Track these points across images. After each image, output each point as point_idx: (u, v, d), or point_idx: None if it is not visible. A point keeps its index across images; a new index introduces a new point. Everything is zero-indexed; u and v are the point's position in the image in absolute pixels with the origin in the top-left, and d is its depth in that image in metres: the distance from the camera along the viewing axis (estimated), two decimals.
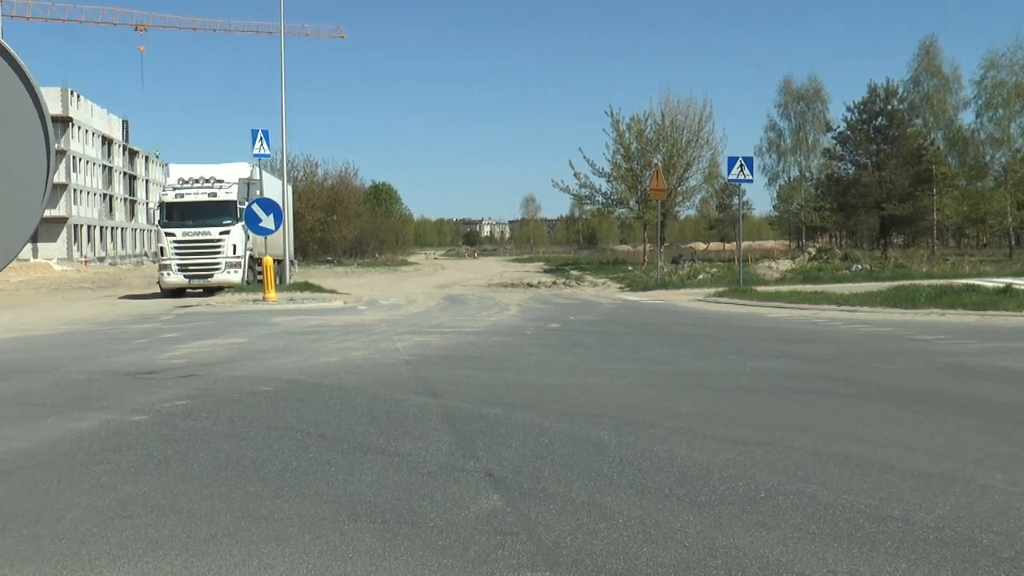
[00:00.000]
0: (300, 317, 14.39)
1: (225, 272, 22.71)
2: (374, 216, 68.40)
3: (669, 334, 11.32)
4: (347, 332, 11.45)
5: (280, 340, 10.39)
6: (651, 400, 5.94)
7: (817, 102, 58.33)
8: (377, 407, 5.72)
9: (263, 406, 5.82)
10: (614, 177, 40.67)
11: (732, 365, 7.83)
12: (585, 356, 8.62)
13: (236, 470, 4.18)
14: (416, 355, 8.69)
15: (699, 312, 15.95)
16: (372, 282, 32.57)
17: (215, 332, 11.63)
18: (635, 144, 40.41)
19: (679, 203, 42.69)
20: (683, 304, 18.32)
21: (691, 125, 40.58)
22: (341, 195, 60.12)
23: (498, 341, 10.17)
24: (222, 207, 22.89)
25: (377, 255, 64.18)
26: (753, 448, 4.49)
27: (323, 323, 13.08)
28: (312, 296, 19.81)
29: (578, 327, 12.52)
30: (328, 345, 9.74)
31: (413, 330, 11.76)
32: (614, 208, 43.14)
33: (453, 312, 15.91)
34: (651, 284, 25.59)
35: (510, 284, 29.36)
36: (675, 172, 39.82)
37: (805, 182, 57.72)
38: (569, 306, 17.95)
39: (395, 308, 17.32)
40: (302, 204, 53.18)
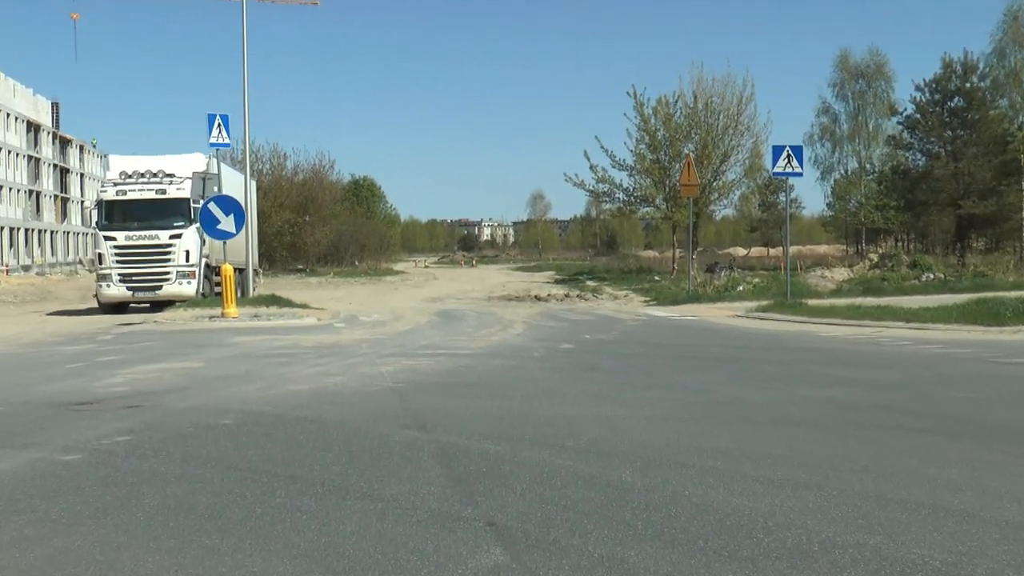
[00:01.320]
0: (266, 337, 14.41)
1: (176, 283, 22.80)
2: (354, 217, 68.61)
3: (703, 356, 11.31)
4: (321, 354, 11.46)
5: (242, 364, 10.41)
6: (682, 435, 5.94)
7: (880, 80, 58.55)
8: (357, 443, 5.73)
9: (221, 442, 5.84)
10: (638, 170, 40.81)
11: (778, 394, 7.82)
12: (603, 382, 8.63)
13: (189, 519, 4.19)
14: (403, 381, 8.70)
15: (739, 330, 15.94)
16: (351, 295, 32.63)
17: (164, 354, 11.66)
18: (662, 131, 40.54)
19: (715, 201, 42.79)
20: (720, 321, 18.30)
21: (729, 108, 40.71)
22: (315, 192, 60.37)
23: (500, 365, 10.18)
24: (172, 206, 23.00)
25: (357, 263, 64.33)
26: (804, 492, 4.49)
27: (293, 344, 13.10)
28: (280, 312, 19.84)
29: (595, 348, 12.51)
30: (299, 370, 9.76)
31: (400, 352, 11.77)
32: (638, 207, 43.25)
33: (447, 330, 15.92)
34: (681, 297, 25.61)
35: (514, 297, 29.38)
36: (710, 164, 39.94)
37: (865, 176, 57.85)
38: (584, 323, 17.94)
39: (379, 326, 17.33)
40: (268, 202, 53.40)
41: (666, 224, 43.85)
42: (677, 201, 39.06)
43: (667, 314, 20.95)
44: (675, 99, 40.89)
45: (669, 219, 41.09)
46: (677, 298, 25.59)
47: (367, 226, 70.84)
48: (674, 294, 27.21)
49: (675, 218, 39.85)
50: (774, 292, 24.50)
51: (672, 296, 26.57)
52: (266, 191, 53.59)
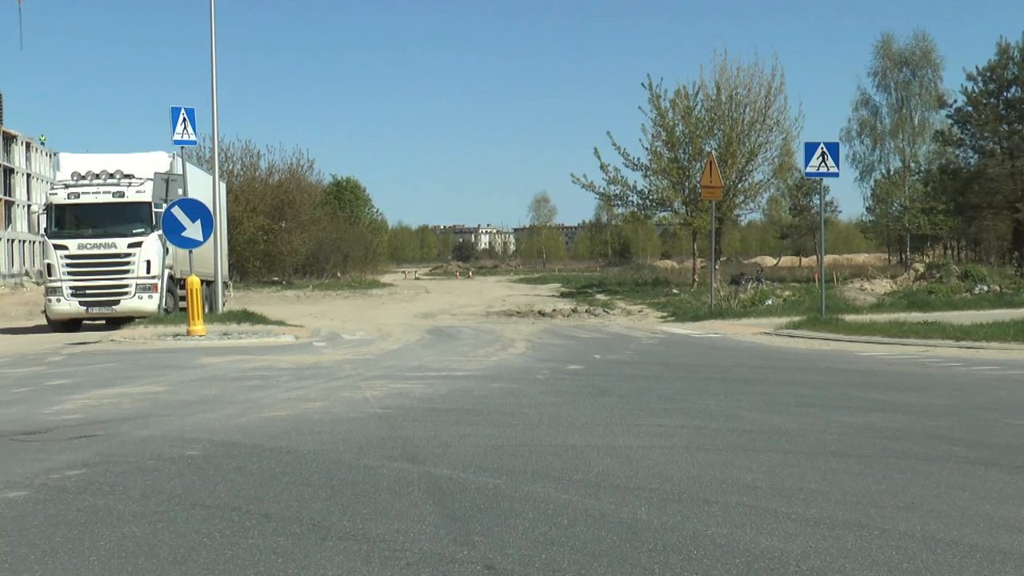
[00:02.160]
0: (237, 357, 14.42)
1: (135, 298, 22.84)
2: (336, 223, 68.66)
3: (728, 379, 11.31)
4: (300, 377, 11.47)
5: (210, 388, 10.42)
6: (704, 467, 5.94)
7: (926, 68, 58.67)
8: (339, 477, 5.73)
9: (187, 476, 5.84)
10: (654, 170, 40.87)
11: (813, 420, 7.83)
12: (616, 408, 8.63)
13: (150, 563, 4.19)
14: (391, 407, 8.70)
15: (768, 350, 15.94)
16: (333, 310, 32.65)
17: (122, 378, 11.67)
18: (681, 126, 40.65)
19: (740, 204, 42.85)
20: (746, 339, 18.31)
21: (756, 101, 40.82)
22: (292, 195, 60.44)
23: (500, 389, 10.19)
24: (132, 211, 23.05)
25: (339, 274, 64.40)
26: (841, 532, 4.49)
27: (268, 365, 13.11)
28: (253, 329, 19.86)
29: (606, 370, 12.52)
30: (274, 394, 9.77)
31: (387, 374, 11.77)
32: (653, 211, 43.29)
33: (441, 350, 15.93)
34: (703, 312, 25.63)
35: (516, 312, 29.39)
36: (734, 163, 40.03)
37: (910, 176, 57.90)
38: (594, 341, 17.95)
39: (363, 345, 17.34)
40: (240, 207, 53.47)
41: (685, 231, 43.90)
42: (698, 205, 39.11)
43: (687, 331, 20.96)
44: (695, 90, 41.03)
45: (689, 225, 41.12)
46: (698, 313, 25.60)
47: (350, 233, 70.85)
48: (695, 309, 27.23)
49: (695, 224, 39.89)
50: (807, 307, 24.50)
51: (692, 311, 26.58)
52: (237, 194, 53.65)
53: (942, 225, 54.31)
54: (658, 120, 40.58)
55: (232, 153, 59.22)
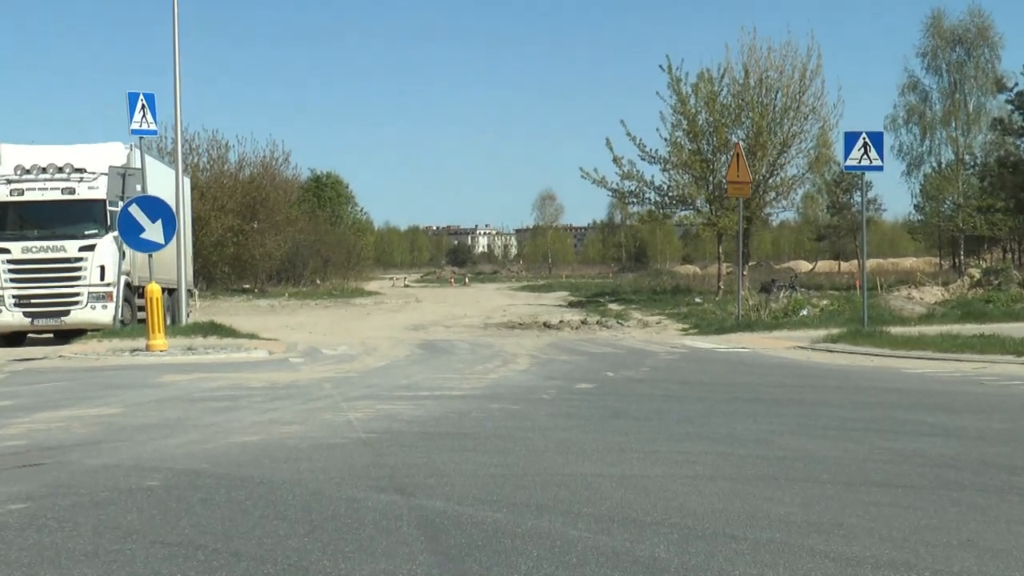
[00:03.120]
0: (203, 375, 14.43)
1: (88, 308, 22.84)
2: (315, 223, 68.64)
3: (758, 399, 11.31)
4: (274, 397, 11.48)
5: (172, 410, 10.43)
6: (731, 499, 5.94)
7: (982, 47, 58.64)
8: (319, 510, 5.74)
9: (146, 510, 5.84)
10: (673, 164, 40.88)
11: (854, 446, 7.83)
12: (631, 433, 8.64)
13: None
14: (378, 431, 8.71)
15: (803, 366, 15.94)
16: (312, 321, 32.66)
17: (73, 399, 11.67)
18: (705, 114, 40.68)
19: (771, 202, 42.83)
20: (778, 354, 18.30)
21: (789, 85, 40.83)
22: (265, 192, 60.41)
23: (500, 410, 10.20)
24: (84, 210, 23.07)
25: (319, 281, 64.37)
26: (887, 573, 4.49)
27: (237, 383, 13.12)
28: (221, 343, 19.87)
29: (620, 389, 12.52)
30: (245, 417, 9.77)
31: (373, 394, 11.78)
32: (673, 210, 43.32)
33: (433, 366, 15.93)
34: (729, 324, 25.63)
35: (518, 324, 29.40)
36: (765, 156, 40.03)
37: (964, 169, 57.89)
38: (607, 357, 17.94)
39: (346, 361, 17.34)
40: (206, 205, 53.48)
41: (709, 232, 43.77)
42: (723, 203, 39.07)
43: (711, 345, 20.95)
44: (720, 74, 41.01)
45: (713, 225, 41.06)
46: (724, 325, 25.59)
47: (331, 235, 70.85)
48: (720, 320, 27.21)
49: (721, 224, 39.85)
50: (847, 317, 24.48)
51: (717, 323, 26.56)
52: (203, 190, 53.63)
53: (1001, 225, 54.21)
54: (678, 107, 40.57)
55: (197, 144, 59.16)
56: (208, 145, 60.32)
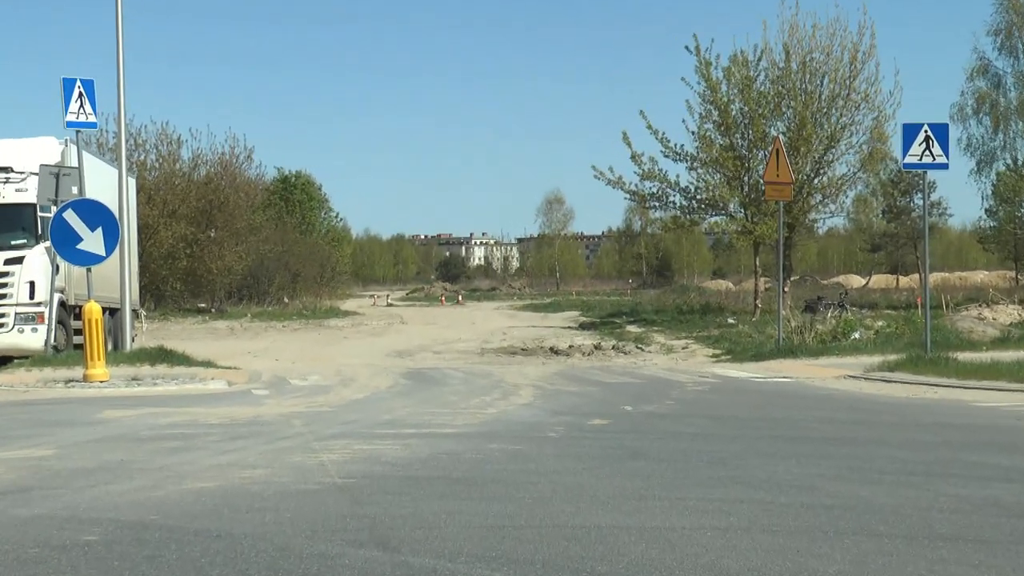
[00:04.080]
0: (151, 410, 14.39)
1: (15, 331, 22.77)
2: (282, 231, 68.59)
3: (802, 437, 11.28)
4: (234, 436, 11.44)
5: (114, 451, 10.39)
6: (771, 556, 5.92)
7: None
8: (287, 568, 5.71)
9: (82, 569, 5.81)
10: (702, 161, 40.92)
11: (915, 493, 7.81)
12: (652, 477, 8.61)
13: None
14: (356, 475, 8.68)
15: (854, 398, 15.91)
16: (279, 347, 32.61)
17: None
18: (739, 103, 40.73)
19: (817, 206, 42.85)
20: (826, 384, 18.27)
21: (837, 69, 40.84)
22: (224, 194, 60.34)
23: (500, 451, 10.18)
24: (10, 216, 23.02)
25: (287, 300, 64.24)
26: None
27: (191, 420, 13.08)
28: (172, 373, 19.83)
29: (640, 425, 12.49)
30: (200, 459, 9.74)
31: (350, 431, 11.75)
32: (702, 215, 43.31)
33: (421, 399, 15.90)
34: (768, 349, 25.60)
35: (520, 349, 29.37)
36: (809, 152, 40.05)
37: None
38: (624, 388, 17.90)
39: (318, 393, 17.31)
40: (155, 210, 53.46)
41: (744, 241, 43.74)
42: (761, 207, 39.09)
43: (747, 374, 20.91)
44: (757, 56, 41.07)
45: (749, 234, 41.04)
46: (761, 351, 25.56)
47: (301, 245, 70.77)
48: (757, 345, 27.17)
49: (758, 232, 39.84)
50: (906, 342, 24.43)
51: (754, 348, 26.53)
52: (151, 193, 53.62)
53: None
54: (708, 95, 40.63)
55: (144, 139, 59.11)
56: (157, 140, 60.25)
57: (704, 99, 40.65)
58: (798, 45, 40.97)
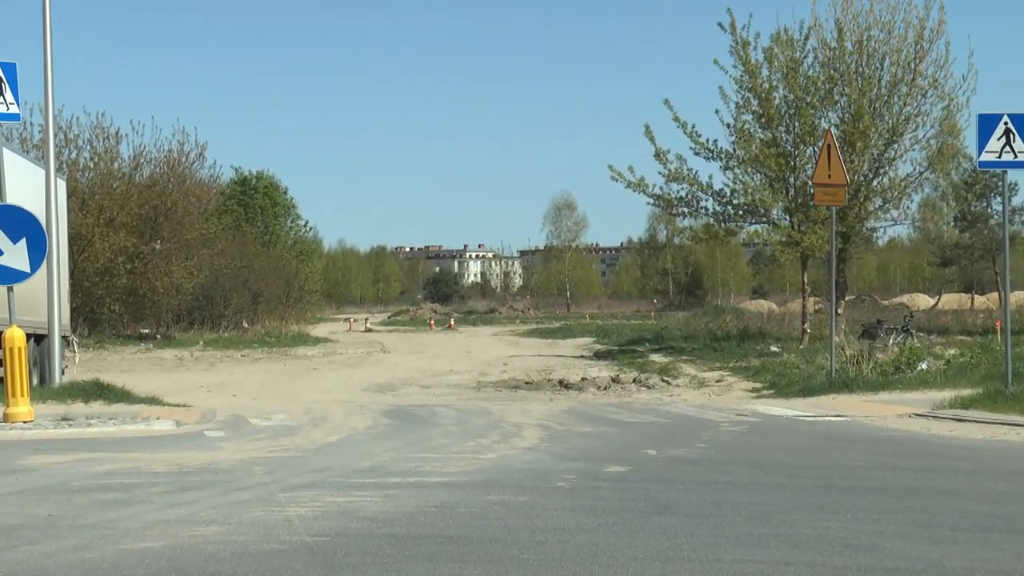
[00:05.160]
0: (85, 455, 14.35)
1: None
2: (240, 243, 68.61)
3: (858, 487, 11.26)
4: (183, 486, 11.42)
5: (41, 505, 10.37)
6: None
7: None
8: None
9: None
10: (740, 159, 40.86)
11: (994, 554, 7.80)
12: (681, 535, 8.61)
13: None
14: (329, 533, 8.69)
15: (921, 442, 15.88)
16: (237, 380, 32.56)
17: None
18: (783, 91, 40.71)
19: (876, 213, 42.76)
20: (887, 424, 18.24)
21: (900, 50, 40.85)
22: (171, 199, 60.34)
23: (499, 504, 10.17)
24: None
25: (246, 324, 64.17)
26: None
27: (133, 467, 13.05)
28: (110, 411, 19.78)
29: (666, 473, 12.48)
30: (144, 514, 9.73)
31: (322, 481, 11.74)
32: (740, 224, 43.25)
33: (405, 442, 15.89)
34: (818, 382, 25.53)
35: (524, 383, 29.33)
36: (867, 149, 39.98)
37: None
38: (647, 429, 17.88)
39: (284, 435, 17.28)
40: (90, 218, 53.37)
41: (789, 254, 43.60)
42: (809, 213, 39.04)
43: (793, 412, 20.87)
44: (804, 34, 41.05)
45: (795, 245, 40.94)
46: (810, 384, 25.48)
47: (264, 259, 70.70)
48: (805, 377, 27.10)
49: (806, 243, 39.74)
50: (983, 373, 24.35)
51: (802, 381, 26.45)
52: (85, 197, 53.54)
53: None
54: (746, 81, 40.56)
55: (77, 134, 58.96)
56: (91, 135, 60.07)
57: (741, 85, 40.56)
58: (853, 21, 40.91)
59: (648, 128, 40.64)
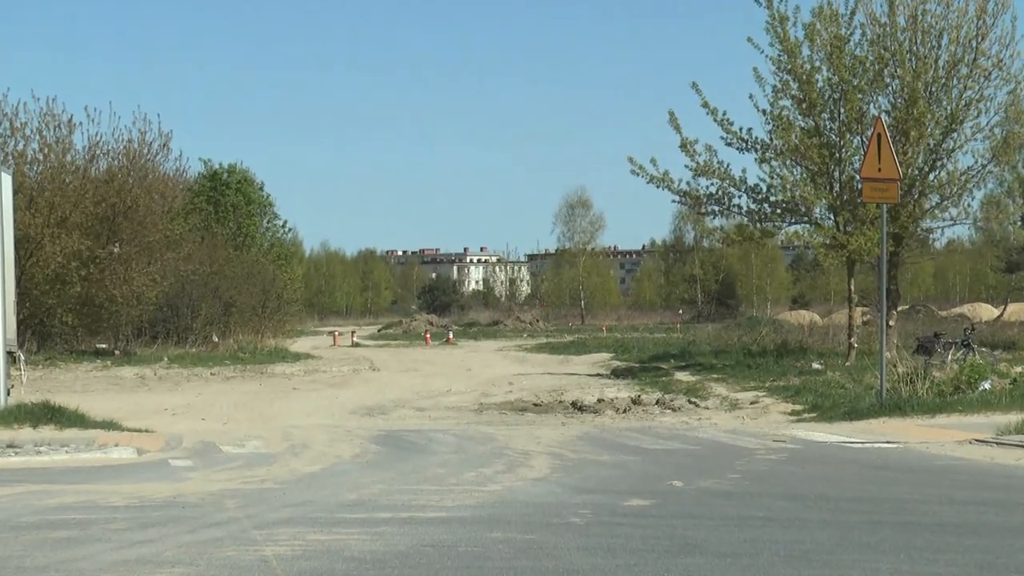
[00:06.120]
0: (34, 487, 14.40)
1: None
2: (210, 245, 68.63)
3: (913, 523, 11.26)
4: (146, 522, 11.44)
5: None
6: None
7: None
8: None
9: None
10: (777, 150, 40.84)
11: None
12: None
13: None
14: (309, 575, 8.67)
15: (983, 472, 15.89)
16: (206, 402, 32.59)
17: None
18: (826, 72, 40.68)
19: (933, 211, 42.73)
20: (945, 452, 18.23)
21: (960, 26, 40.82)
22: (132, 197, 60.35)
23: (504, 542, 10.19)
24: None
25: (217, 339, 64.21)
26: None
27: (88, 500, 13.07)
28: (62, 437, 19.84)
29: (694, 507, 12.50)
30: (100, 554, 9.74)
31: (302, 516, 11.76)
32: (778, 223, 43.20)
33: (398, 472, 15.93)
34: (867, 404, 25.52)
35: (532, 405, 29.32)
36: (922, 138, 39.97)
37: None
38: (672, 457, 17.89)
39: (260, 463, 17.33)
40: (39, 218, 53.42)
41: (834, 258, 43.49)
42: (857, 212, 39.01)
43: (838, 438, 20.87)
44: (850, 8, 41.03)
45: (841, 248, 40.87)
46: (857, 406, 25.46)
47: (236, 264, 70.74)
48: (852, 398, 27.08)
49: (852, 246, 39.69)
50: None
51: (848, 403, 26.42)
52: (33, 194, 53.56)
53: None
54: (784, 62, 40.52)
55: (24, 122, 59.06)
56: (41, 123, 60.25)
57: (779, 67, 40.49)
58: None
59: (673, 115, 40.56)
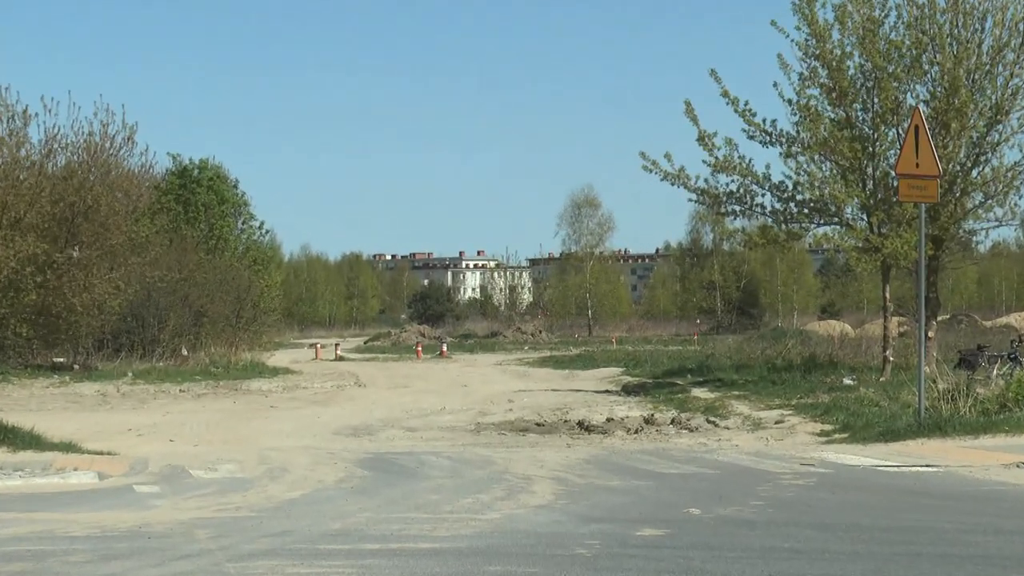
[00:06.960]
0: None
1: None
2: (179, 249, 68.64)
3: (954, 556, 11.30)
4: (108, 554, 11.47)
5: None
6: None
7: None
8: None
9: None
10: (805, 144, 40.82)
11: None
12: None
13: None
14: None
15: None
16: (175, 422, 32.58)
17: None
18: (858, 58, 40.71)
19: (976, 212, 42.75)
20: (989, 476, 18.24)
21: (1005, 8, 40.83)
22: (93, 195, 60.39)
23: (503, 575, 10.22)
24: None
25: (187, 352, 64.20)
26: None
27: (44, 530, 13.11)
28: (15, 461, 19.89)
29: (712, 538, 12.54)
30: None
31: (281, 547, 11.81)
32: (805, 225, 43.18)
33: (386, 499, 15.97)
34: (904, 424, 25.52)
35: (534, 424, 29.34)
36: (964, 131, 39.93)
37: None
38: (689, 482, 17.93)
39: (234, 489, 17.37)
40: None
41: (868, 263, 43.51)
42: (892, 212, 39.02)
43: (872, 461, 20.88)
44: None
45: (874, 252, 40.84)
46: (894, 426, 25.46)
47: (208, 270, 70.73)
48: (887, 417, 27.07)
49: (888, 249, 39.64)
50: None
51: (883, 422, 26.41)
52: None
53: None
54: (812, 47, 40.54)
55: None
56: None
57: (806, 52, 40.46)
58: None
59: (689, 105, 40.42)
